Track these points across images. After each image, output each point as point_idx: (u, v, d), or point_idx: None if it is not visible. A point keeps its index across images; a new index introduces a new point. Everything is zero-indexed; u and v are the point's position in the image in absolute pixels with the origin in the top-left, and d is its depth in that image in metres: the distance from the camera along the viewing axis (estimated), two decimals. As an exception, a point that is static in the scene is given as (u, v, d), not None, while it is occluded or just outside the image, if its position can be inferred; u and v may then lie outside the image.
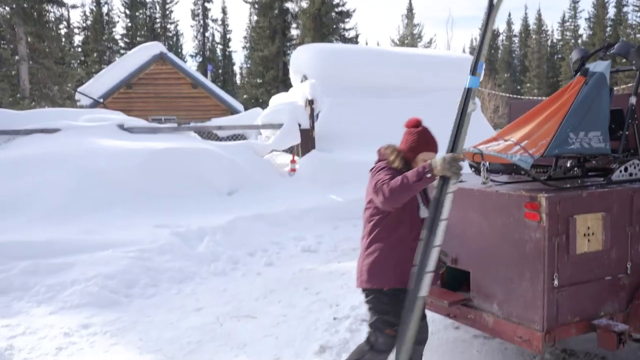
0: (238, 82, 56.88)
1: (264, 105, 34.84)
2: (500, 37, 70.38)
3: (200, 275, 7.09)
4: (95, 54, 43.43)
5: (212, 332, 5.26)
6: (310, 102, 12.09)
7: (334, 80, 13.39)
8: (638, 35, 61.37)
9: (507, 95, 49.88)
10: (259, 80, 38.74)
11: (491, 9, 3.19)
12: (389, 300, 3.44)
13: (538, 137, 4.02)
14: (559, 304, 3.63)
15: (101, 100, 23.92)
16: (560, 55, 64.96)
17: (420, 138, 3.51)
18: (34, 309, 5.82)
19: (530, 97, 57.68)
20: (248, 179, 10.61)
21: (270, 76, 36.81)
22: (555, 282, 3.60)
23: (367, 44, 58.33)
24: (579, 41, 64.41)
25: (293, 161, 11.45)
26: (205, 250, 7.70)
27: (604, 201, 3.83)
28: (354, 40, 39.79)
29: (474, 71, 3.14)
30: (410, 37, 50.93)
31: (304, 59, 14.15)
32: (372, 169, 3.56)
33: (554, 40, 68.19)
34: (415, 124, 3.57)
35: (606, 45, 4.61)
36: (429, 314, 5.13)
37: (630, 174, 4.23)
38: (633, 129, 4.37)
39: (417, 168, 3.18)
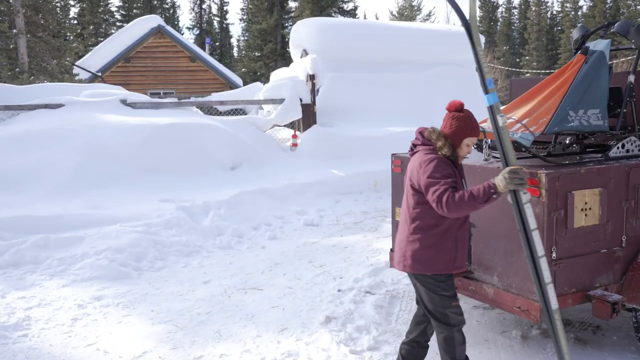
0: (235, 55, 56.52)
1: (262, 78, 34.80)
2: (500, 9, 69.77)
3: (206, 248, 7.26)
4: (91, 27, 43.01)
5: (221, 304, 5.44)
6: (312, 77, 12.13)
7: (334, 54, 13.41)
8: (639, 7, 60.89)
9: (506, 68, 49.73)
10: (257, 54, 38.54)
11: (470, 31, 3.18)
12: (444, 278, 3.48)
13: (539, 114, 4.14)
14: (556, 276, 3.79)
15: (99, 74, 23.86)
16: (560, 28, 64.47)
17: (466, 123, 3.41)
18: (47, 282, 5.99)
19: (530, 71, 57.48)
20: (251, 154, 10.73)
21: (269, 49, 36.63)
22: (554, 255, 3.76)
23: (365, 17, 57.90)
24: (579, 13, 63.90)
25: (295, 136, 11.54)
26: (211, 225, 7.86)
27: (601, 177, 3.96)
28: (352, 13, 39.54)
29: (486, 90, 3.17)
30: (409, 9, 50.50)
31: (304, 33, 14.13)
32: (415, 152, 3.52)
33: (554, 12, 67.58)
34: (459, 108, 3.44)
35: (606, 24, 4.70)
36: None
37: (627, 151, 4.36)
38: (631, 107, 4.48)
39: (482, 188, 3.15)
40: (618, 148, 4.32)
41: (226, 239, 7.53)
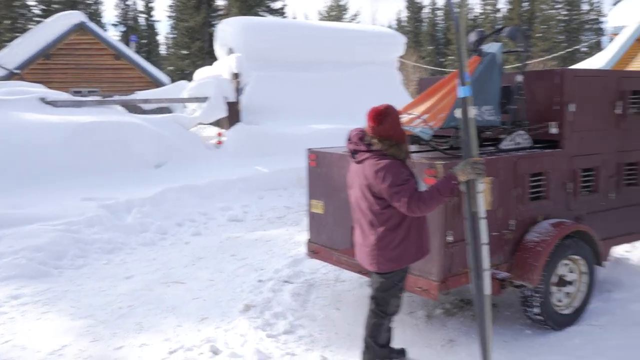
0: (164, 52, 55.43)
1: (190, 77, 34.40)
2: (425, 10, 71.71)
3: (129, 245, 7.29)
4: (7, 22, 41.10)
5: (143, 297, 5.54)
6: (236, 76, 12.25)
7: (260, 54, 13.58)
8: (552, 11, 64.12)
9: (431, 67, 51.30)
10: (185, 52, 38.06)
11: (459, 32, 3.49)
12: (405, 271, 3.78)
13: (437, 110, 4.51)
14: (452, 257, 4.15)
15: (17, 71, 22.94)
16: (481, 29, 66.80)
17: (397, 117, 3.67)
18: (-39, 282, 5.88)
19: (454, 71, 59.24)
20: (175, 151, 10.77)
21: (197, 47, 36.25)
22: (450, 239, 4.12)
23: (295, 16, 58.20)
24: (498, 15, 66.62)
25: (219, 134, 11.64)
26: (134, 222, 7.89)
27: (493, 167, 4.35)
28: (280, 12, 39.68)
29: (463, 83, 3.44)
30: (337, 9, 51.18)
31: (229, 32, 14.22)
32: (363, 159, 3.62)
33: (476, 14, 70.18)
34: (383, 111, 3.62)
35: (498, 29, 5.14)
36: (347, 274, 5.62)
37: (517, 143, 4.80)
38: (520, 104, 4.92)
39: (444, 182, 3.37)
40: (509, 141, 4.75)
41: (150, 236, 7.58)
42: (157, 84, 24.65)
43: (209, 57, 36.65)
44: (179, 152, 10.78)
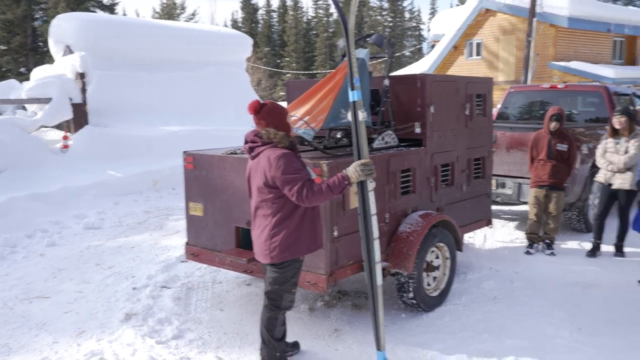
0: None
1: (10, 74, 31.41)
2: (260, 12, 72.58)
3: (-26, 262, 6.62)
4: None
5: (3, 317, 5.10)
6: (82, 75, 11.51)
7: (103, 52, 12.88)
8: (378, 17, 68.41)
9: (269, 68, 52.11)
10: (3, 47, 34.62)
11: (347, 33, 3.63)
12: (299, 265, 3.86)
13: (317, 112, 4.74)
14: (338, 251, 4.41)
15: None
16: (315, 32, 69.41)
17: (278, 108, 3.78)
18: None
19: (290, 72, 60.78)
20: (16, 157, 9.84)
21: (17, 42, 33.22)
22: (335, 233, 4.37)
23: (125, 13, 55.62)
24: (330, 19, 69.53)
25: (65, 137, 10.88)
26: (-24, 236, 7.16)
27: (369, 165, 4.68)
28: (111, 8, 37.71)
29: (352, 86, 3.57)
30: (173, 7, 49.91)
31: (66, 28, 13.28)
32: (258, 153, 3.73)
33: (309, 17, 72.59)
34: (262, 105, 3.75)
35: (365, 36, 5.51)
36: (224, 275, 5.63)
37: (386, 142, 5.19)
38: (387, 106, 5.33)
39: (337, 181, 3.55)
40: (379, 140, 5.12)
41: (-3, 250, 6.94)
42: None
43: (33, 54, 33.83)
44: (21, 157, 9.88)
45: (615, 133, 6.69)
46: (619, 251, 6.81)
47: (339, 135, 5.43)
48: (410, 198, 5.15)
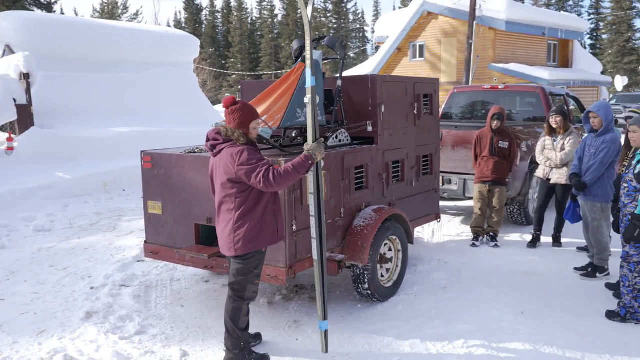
0: None
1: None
2: (204, 12, 71.93)
3: None
4: None
5: (-43, 320, 5.03)
6: (26, 76, 11.25)
7: (47, 52, 12.62)
8: (323, 19, 68.92)
9: (214, 69, 51.71)
10: None
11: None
12: (262, 257, 4.01)
13: (274, 112, 4.90)
14: (297, 245, 4.59)
15: None
16: (260, 33, 69.36)
17: (245, 111, 3.90)
18: None
19: (236, 73, 60.52)
20: (-44, 159, 9.60)
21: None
22: (294, 228, 4.54)
23: (62, 12, 54.05)
24: (275, 20, 69.64)
25: (10, 139, 10.62)
26: None
27: (326, 162, 4.87)
28: (49, 6, 36.63)
29: (312, 72, 3.88)
30: (115, 7, 48.87)
31: (7, 28, 12.94)
32: (219, 150, 3.88)
33: (254, 18, 72.44)
34: (234, 102, 3.91)
35: (318, 38, 5.71)
36: (181, 272, 5.71)
37: (340, 140, 5.41)
38: (340, 106, 5.55)
39: (302, 161, 3.74)
40: (333, 139, 5.33)
41: (-57, 254, 6.78)
42: None
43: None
44: (-38, 160, 9.63)
45: (552, 131, 7.14)
46: (557, 242, 7.27)
47: (294, 134, 5.60)
48: (363, 193, 5.38)
